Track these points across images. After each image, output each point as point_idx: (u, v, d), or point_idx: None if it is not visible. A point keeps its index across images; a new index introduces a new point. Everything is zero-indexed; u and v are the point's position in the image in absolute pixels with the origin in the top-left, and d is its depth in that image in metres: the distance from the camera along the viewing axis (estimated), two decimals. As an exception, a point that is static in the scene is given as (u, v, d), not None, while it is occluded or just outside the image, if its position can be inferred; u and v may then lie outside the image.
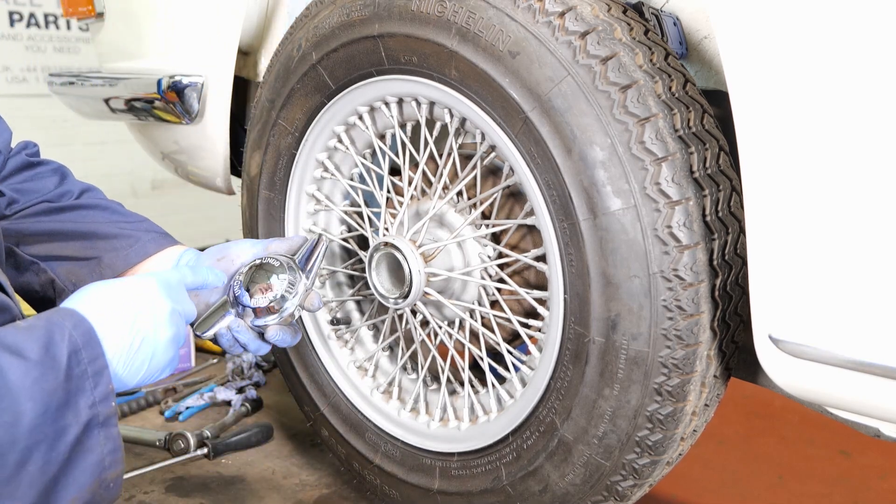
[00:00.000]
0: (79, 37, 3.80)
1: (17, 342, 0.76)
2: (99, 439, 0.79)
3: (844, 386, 0.89)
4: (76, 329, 0.80)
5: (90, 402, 0.79)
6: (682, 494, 1.77)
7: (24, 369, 0.74)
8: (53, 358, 0.77)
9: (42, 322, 0.80)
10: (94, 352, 0.80)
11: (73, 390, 0.77)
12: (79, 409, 0.78)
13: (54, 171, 1.24)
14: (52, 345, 0.77)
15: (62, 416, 0.76)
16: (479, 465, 1.24)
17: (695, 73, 1.13)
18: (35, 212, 1.19)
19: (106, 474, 0.81)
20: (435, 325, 1.30)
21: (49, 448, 0.75)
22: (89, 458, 0.79)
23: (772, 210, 0.88)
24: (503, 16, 1.01)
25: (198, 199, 3.10)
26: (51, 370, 0.76)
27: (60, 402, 0.76)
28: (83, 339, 0.80)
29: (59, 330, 0.79)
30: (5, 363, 0.73)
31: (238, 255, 1.14)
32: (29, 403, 0.73)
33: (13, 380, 0.73)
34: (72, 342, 0.79)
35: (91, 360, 0.80)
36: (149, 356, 0.88)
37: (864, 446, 1.97)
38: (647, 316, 0.97)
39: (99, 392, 0.80)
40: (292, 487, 1.57)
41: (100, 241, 1.17)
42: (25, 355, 0.75)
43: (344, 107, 1.30)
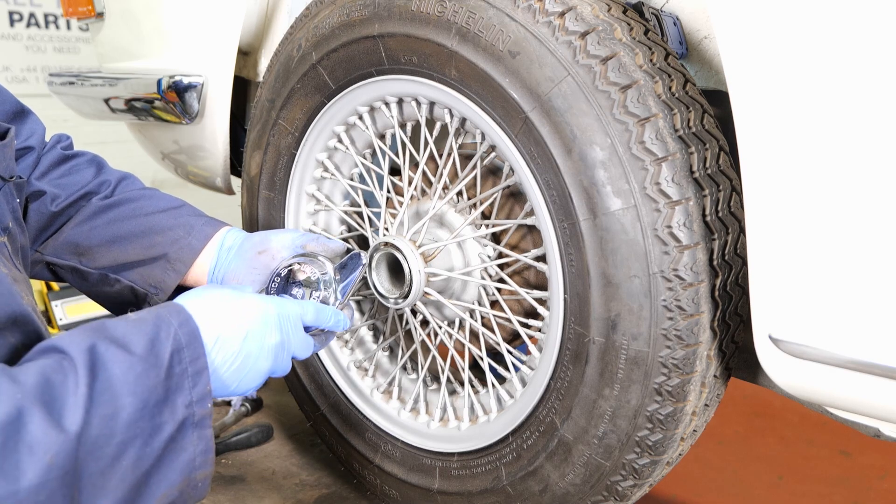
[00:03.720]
0: (79, 37, 3.79)
1: (125, 335, 0.77)
2: (192, 439, 0.80)
3: (844, 386, 0.89)
4: (182, 328, 0.80)
5: (187, 401, 0.79)
6: (682, 494, 1.76)
7: (129, 364, 0.74)
8: (157, 355, 0.77)
9: (151, 316, 0.80)
10: (196, 352, 0.81)
11: (173, 388, 0.78)
12: (176, 407, 0.78)
13: (90, 161, 1.25)
14: (157, 341, 0.78)
15: (159, 412, 0.76)
16: (479, 465, 1.24)
17: (695, 73, 1.13)
18: (84, 217, 1.18)
19: (196, 474, 0.81)
20: (435, 325, 1.30)
21: (144, 444, 0.75)
22: (182, 456, 0.79)
23: (772, 210, 0.88)
24: (503, 16, 1.01)
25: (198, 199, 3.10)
26: (153, 367, 0.76)
27: (159, 399, 0.76)
28: (187, 339, 0.80)
29: (165, 327, 0.79)
30: (110, 357, 0.74)
31: (279, 250, 1.15)
32: (129, 398, 0.74)
33: (117, 374, 0.73)
34: (176, 340, 0.79)
35: (192, 360, 0.80)
36: (243, 376, 0.89)
37: (864, 446, 1.97)
38: (647, 316, 0.97)
39: (197, 392, 0.80)
40: (292, 487, 1.57)
41: (157, 236, 1.17)
42: (131, 349, 0.76)
43: (344, 107, 1.30)
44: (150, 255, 1.17)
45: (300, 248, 1.16)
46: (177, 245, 1.17)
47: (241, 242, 1.19)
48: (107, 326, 0.78)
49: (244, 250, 1.17)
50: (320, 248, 1.17)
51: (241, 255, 1.17)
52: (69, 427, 0.69)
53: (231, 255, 1.18)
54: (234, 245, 1.19)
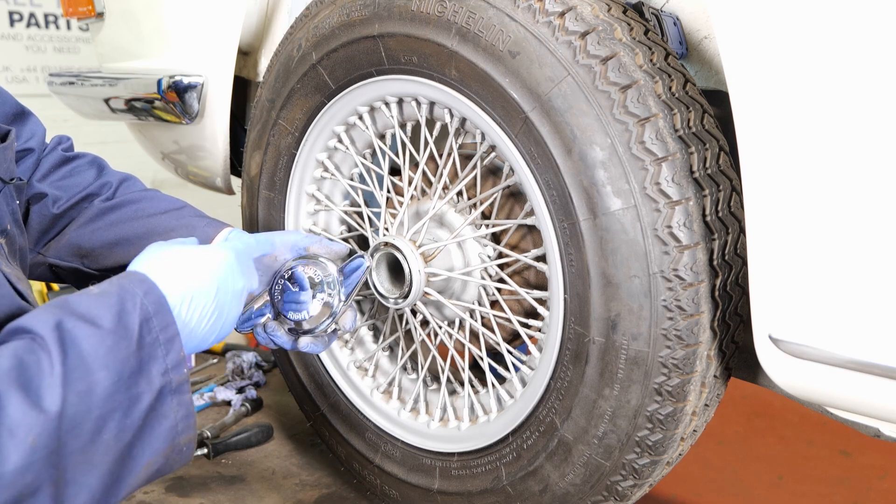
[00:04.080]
0: (79, 37, 3.79)
1: (90, 310, 0.76)
2: (172, 405, 0.80)
3: (844, 386, 0.89)
4: (147, 297, 0.80)
5: (162, 369, 0.79)
6: (682, 494, 1.76)
7: (99, 338, 0.75)
8: (126, 326, 0.77)
9: (114, 289, 0.80)
10: (165, 319, 0.81)
11: (146, 358, 0.78)
12: (151, 376, 0.78)
13: (91, 163, 1.25)
14: (124, 313, 0.78)
15: (135, 383, 0.77)
16: (479, 465, 1.24)
17: (695, 73, 1.13)
18: (86, 219, 1.18)
19: (179, 439, 0.82)
20: (435, 325, 1.30)
21: (123, 416, 0.75)
22: (163, 423, 0.80)
23: (772, 210, 0.88)
24: (503, 16, 1.01)
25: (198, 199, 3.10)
26: (123, 339, 0.76)
27: (133, 370, 0.77)
28: (154, 308, 0.80)
29: (130, 297, 0.79)
30: (79, 332, 0.74)
31: (282, 252, 1.15)
32: (103, 372, 0.74)
33: (87, 349, 0.74)
34: (143, 310, 0.79)
35: (162, 328, 0.80)
36: (220, 327, 0.90)
37: (864, 446, 1.97)
38: (647, 316, 0.97)
39: (171, 359, 0.80)
40: (292, 487, 1.57)
41: (160, 237, 1.17)
42: (99, 323, 0.76)
43: (344, 107, 1.30)
44: None
45: (303, 249, 1.16)
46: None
47: (247, 246, 1.19)
48: (70, 302, 0.78)
49: (249, 254, 1.17)
50: (323, 250, 1.17)
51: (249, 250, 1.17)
52: (48, 407, 0.69)
53: None
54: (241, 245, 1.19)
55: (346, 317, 1.12)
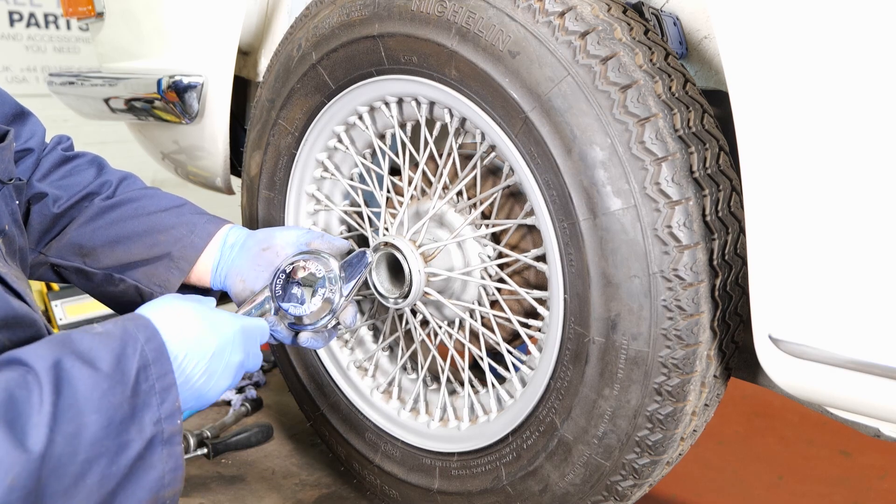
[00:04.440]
0: (79, 37, 3.79)
1: (90, 350, 0.76)
2: (161, 456, 0.79)
3: (844, 386, 0.89)
4: (149, 343, 0.79)
5: (155, 418, 0.78)
6: (682, 494, 1.76)
7: (94, 381, 0.73)
8: (123, 371, 0.76)
9: (118, 331, 0.79)
10: (164, 368, 0.80)
11: (140, 405, 0.77)
12: (143, 424, 0.77)
13: (90, 162, 1.25)
14: (123, 357, 0.77)
15: (126, 430, 0.75)
16: (479, 464, 1.24)
17: (695, 73, 1.13)
18: (87, 218, 1.18)
19: (164, 492, 0.80)
20: (435, 324, 1.30)
21: (109, 462, 0.74)
22: (150, 474, 0.78)
23: (772, 210, 0.88)
24: (503, 16, 1.01)
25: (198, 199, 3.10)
26: (119, 383, 0.75)
27: (125, 417, 0.75)
28: (154, 355, 0.79)
29: (132, 342, 0.78)
30: (76, 373, 0.73)
31: (283, 247, 1.15)
32: (94, 415, 0.72)
33: (82, 390, 0.72)
34: (143, 357, 0.78)
35: (160, 377, 0.79)
36: (205, 392, 0.88)
37: (864, 446, 1.97)
38: (647, 316, 0.97)
39: (165, 409, 0.79)
40: (292, 487, 1.57)
41: (160, 235, 1.17)
42: (97, 365, 0.75)
43: (344, 107, 1.30)
44: (153, 255, 1.17)
45: (304, 245, 1.16)
46: (180, 244, 1.17)
47: (244, 240, 1.19)
48: (73, 340, 0.77)
49: (247, 248, 1.17)
50: (325, 246, 1.17)
51: (244, 252, 1.17)
52: (32, 447, 0.68)
53: (234, 253, 1.18)
54: (238, 242, 1.19)
55: (346, 313, 1.12)
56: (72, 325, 2.39)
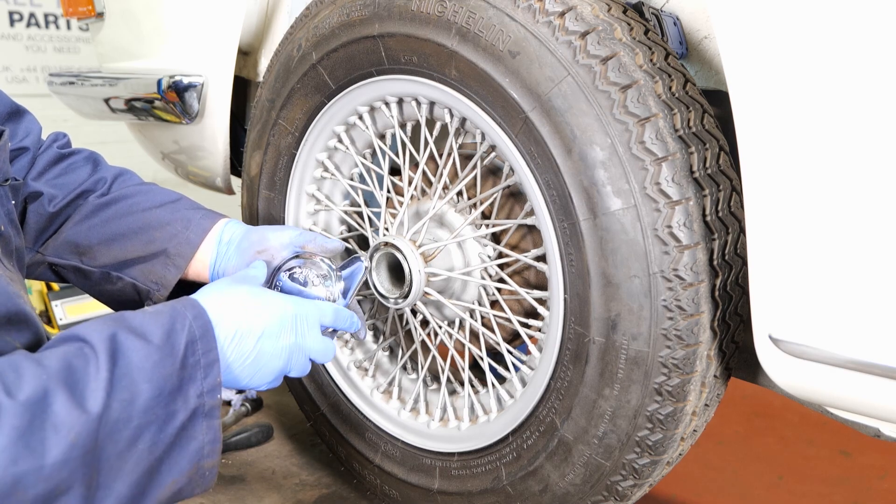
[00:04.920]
0: (79, 37, 3.79)
1: (142, 325, 0.80)
2: (202, 427, 0.82)
3: (844, 386, 0.89)
4: (196, 321, 0.84)
5: (199, 391, 0.82)
6: (682, 494, 1.76)
7: (146, 352, 0.78)
8: (172, 345, 0.80)
9: (167, 309, 0.84)
10: (209, 345, 0.84)
11: (186, 378, 0.81)
12: (188, 396, 0.81)
13: (86, 159, 1.25)
14: (172, 332, 0.81)
15: (173, 400, 0.79)
16: (479, 464, 1.24)
17: (695, 73, 1.13)
18: (83, 216, 1.18)
19: (204, 462, 0.83)
20: (435, 324, 1.30)
21: (158, 430, 0.78)
22: (192, 444, 0.82)
23: (772, 210, 0.88)
24: (503, 16, 1.01)
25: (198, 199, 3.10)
26: (168, 356, 0.79)
27: (173, 388, 0.79)
28: (201, 332, 0.83)
29: (180, 319, 0.83)
30: (129, 345, 0.77)
31: (278, 249, 1.15)
32: (146, 385, 0.77)
33: (135, 361, 0.77)
34: (190, 332, 0.82)
35: (205, 352, 0.83)
36: (256, 372, 0.92)
37: (864, 446, 1.97)
38: (648, 316, 0.97)
39: (208, 383, 0.83)
40: (292, 487, 1.57)
41: (156, 231, 1.17)
42: (149, 338, 0.79)
43: (344, 107, 1.30)
44: (149, 252, 1.17)
45: (299, 247, 1.16)
46: (175, 240, 1.17)
47: (239, 239, 1.19)
48: (126, 317, 0.81)
49: (243, 248, 1.17)
50: (318, 249, 1.17)
51: (239, 251, 1.17)
52: (91, 408, 0.72)
53: (231, 251, 1.18)
54: (234, 240, 1.19)
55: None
56: (72, 325, 2.39)
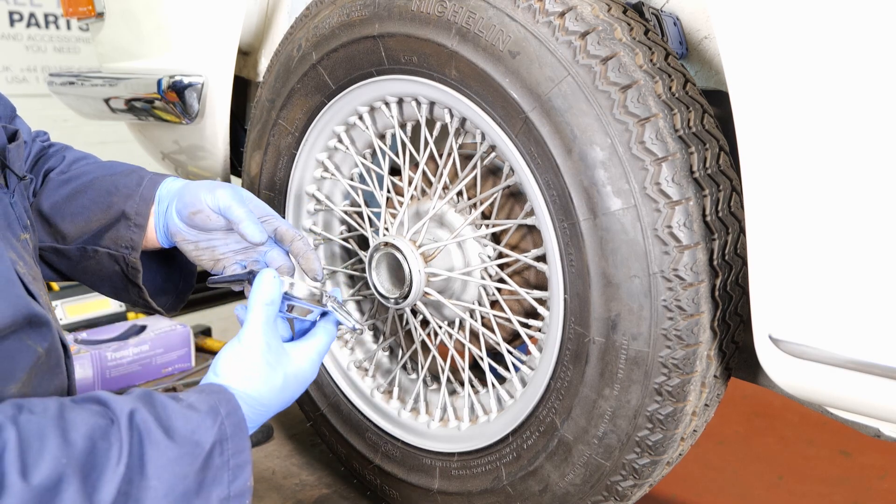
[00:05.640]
0: (79, 37, 3.79)
1: (170, 417, 0.75)
2: None
3: (844, 386, 0.89)
4: (229, 418, 0.78)
5: (224, 495, 0.76)
6: (682, 494, 1.77)
7: (164, 447, 0.73)
8: (196, 443, 0.75)
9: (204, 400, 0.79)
10: (240, 445, 0.78)
11: (209, 480, 0.75)
12: (209, 499, 0.75)
13: (59, 150, 1.25)
14: (199, 429, 0.75)
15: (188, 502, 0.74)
16: (479, 465, 1.24)
17: (695, 73, 1.13)
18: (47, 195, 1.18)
19: None
20: (435, 325, 1.30)
21: None
22: None
23: (772, 210, 0.88)
24: (503, 16, 1.01)
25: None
26: (188, 455, 0.74)
27: (188, 490, 0.73)
28: (232, 430, 0.78)
29: (212, 415, 0.77)
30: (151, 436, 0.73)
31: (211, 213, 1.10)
32: (154, 481, 0.71)
33: (152, 456, 0.72)
34: (221, 431, 0.77)
35: (235, 453, 0.78)
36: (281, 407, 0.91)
37: (864, 446, 1.97)
38: (648, 316, 0.97)
39: (235, 487, 0.77)
40: (292, 487, 1.57)
41: (112, 196, 1.15)
42: (171, 433, 0.74)
43: (344, 107, 1.30)
44: (111, 217, 1.15)
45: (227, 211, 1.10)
46: (131, 200, 1.14)
47: (175, 200, 1.15)
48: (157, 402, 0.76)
49: (179, 210, 1.14)
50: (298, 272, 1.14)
51: (178, 214, 1.14)
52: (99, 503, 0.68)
53: (170, 211, 1.15)
54: (171, 201, 1.15)
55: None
56: (72, 325, 2.38)
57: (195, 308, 3.13)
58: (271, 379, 0.86)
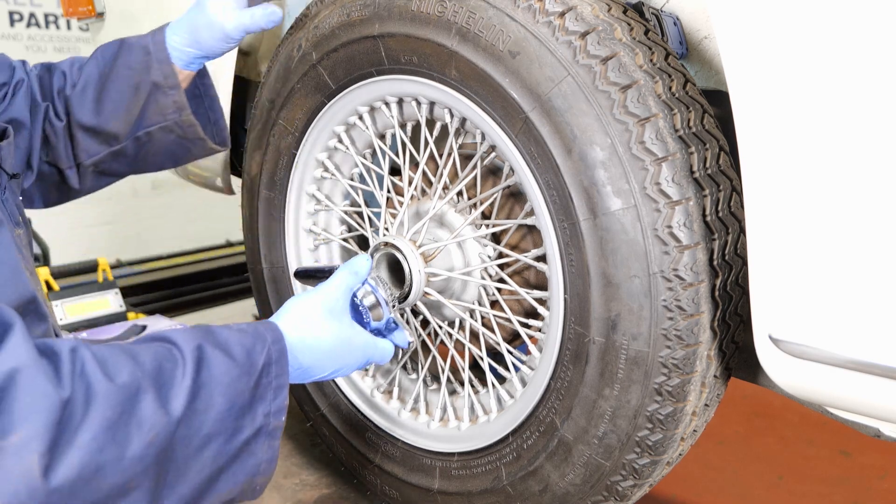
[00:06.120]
0: (79, 37, 3.79)
1: (227, 341, 0.84)
2: (263, 446, 0.86)
3: (844, 386, 0.89)
4: (274, 345, 0.88)
5: (266, 411, 0.85)
6: (682, 494, 1.77)
7: (227, 367, 0.82)
8: (252, 363, 0.84)
9: (251, 329, 0.88)
10: (282, 369, 0.87)
11: (257, 397, 0.84)
12: (256, 414, 0.84)
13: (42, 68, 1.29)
14: (253, 352, 0.85)
15: (242, 416, 0.83)
16: (479, 465, 1.24)
17: (695, 73, 1.13)
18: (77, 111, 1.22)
19: (257, 479, 0.87)
20: (435, 325, 1.30)
21: (225, 441, 0.81)
22: (251, 460, 0.85)
23: (772, 210, 0.88)
24: (503, 16, 1.01)
25: (198, 199, 3.10)
26: (246, 374, 0.83)
27: (244, 404, 0.83)
28: (277, 355, 0.87)
29: (261, 341, 0.87)
30: (213, 357, 0.81)
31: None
32: (221, 398, 0.80)
33: (216, 374, 0.81)
34: (268, 355, 0.86)
35: (277, 375, 0.87)
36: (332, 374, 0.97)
37: (864, 446, 1.97)
38: (648, 316, 0.97)
39: (276, 404, 0.86)
40: (292, 487, 1.57)
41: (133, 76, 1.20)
42: (231, 355, 0.83)
43: (344, 107, 1.30)
44: (143, 94, 1.20)
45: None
46: (151, 70, 1.20)
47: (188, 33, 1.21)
48: (213, 331, 0.85)
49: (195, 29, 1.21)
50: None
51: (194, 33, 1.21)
52: (172, 411, 0.76)
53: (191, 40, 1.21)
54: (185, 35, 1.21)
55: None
56: (72, 325, 2.39)
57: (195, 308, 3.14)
58: (323, 331, 0.94)
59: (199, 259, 3.29)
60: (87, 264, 2.86)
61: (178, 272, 3.23)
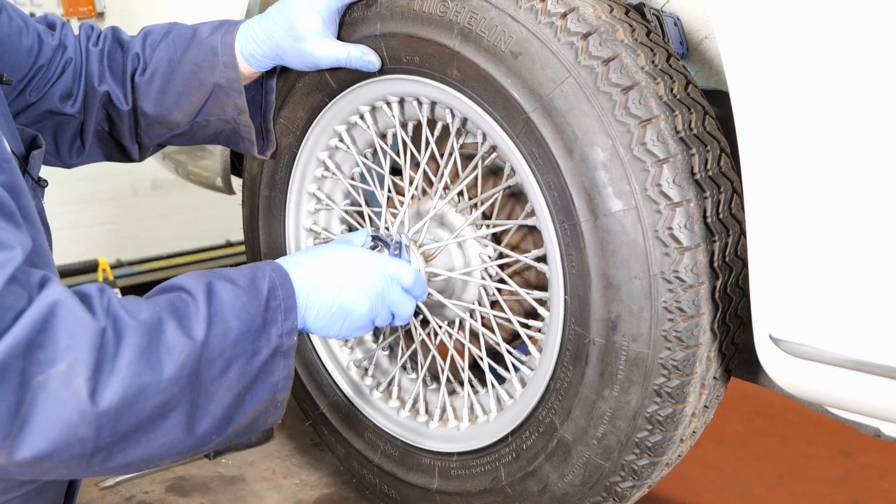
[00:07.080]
0: (79, 36, 3.78)
1: (231, 274, 0.92)
2: (279, 365, 0.92)
3: (844, 386, 0.89)
4: (275, 272, 0.94)
5: (279, 332, 0.91)
6: (682, 494, 1.77)
7: (235, 294, 0.88)
8: (258, 289, 0.91)
9: (248, 265, 0.95)
10: (288, 291, 0.93)
11: (269, 319, 0.90)
12: (270, 335, 0.90)
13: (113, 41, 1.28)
14: (256, 279, 0.92)
15: (258, 338, 0.89)
16: (478, 465, 1.24)
17: (695, 73, 1.13)
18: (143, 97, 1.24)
19: (277, 395, 0.93)
20: (435, 324, 1.30)
21: (246, 362, 0.88)
22: (270, 379, 0.91)
23: (772, 212, 0.88)
24: (505, 16, 1.01)
25: (198, 198, 3.10)
26: (254, 299, 0.90)
27: (258, 327, 0.89)
28: (280, 280, 0.93)
29: (261, 270, 0.94)
30: (220, 287, 0.88)
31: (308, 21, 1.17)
32: (236, 321, 0.87)
33: (225, 300, 0.87)
34: (271, 280, 0.93)
35: (285, 298, 0.93)
36: (342, 323, 1.00)
37: (864, 446, 1.97)
38: (648, 317, 0.97)
39: (287, 325, 0.92)
40: (292, 487, 1.57)
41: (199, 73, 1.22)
42: (236, 283, 0.90)
43: (345, 106, 1.30)
44: (206, 91, 1.23)
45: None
46: (216, 71, 1.22)
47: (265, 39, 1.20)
48: (215, 271, 0.92)
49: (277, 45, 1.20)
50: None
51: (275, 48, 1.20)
52: (195, 336, 0.83)
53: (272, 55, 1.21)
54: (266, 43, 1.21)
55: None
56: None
57: (195, 307, 3.12)
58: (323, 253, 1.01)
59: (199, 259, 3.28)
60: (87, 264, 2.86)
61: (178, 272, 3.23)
